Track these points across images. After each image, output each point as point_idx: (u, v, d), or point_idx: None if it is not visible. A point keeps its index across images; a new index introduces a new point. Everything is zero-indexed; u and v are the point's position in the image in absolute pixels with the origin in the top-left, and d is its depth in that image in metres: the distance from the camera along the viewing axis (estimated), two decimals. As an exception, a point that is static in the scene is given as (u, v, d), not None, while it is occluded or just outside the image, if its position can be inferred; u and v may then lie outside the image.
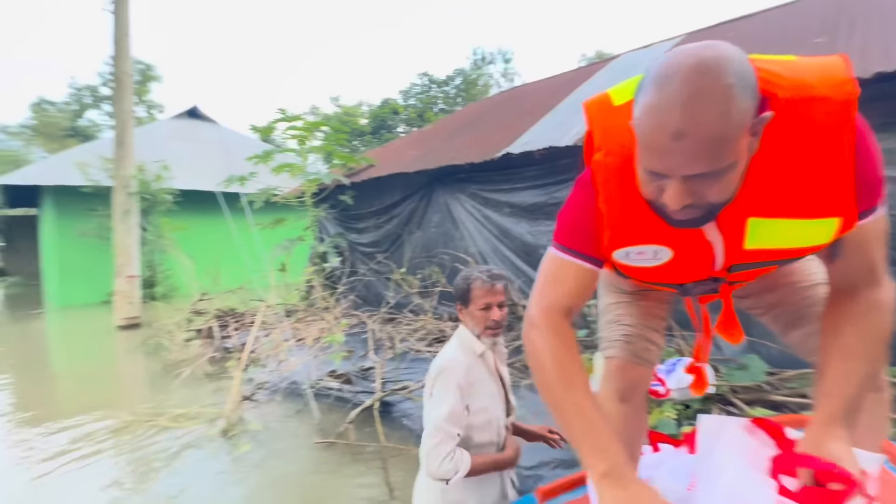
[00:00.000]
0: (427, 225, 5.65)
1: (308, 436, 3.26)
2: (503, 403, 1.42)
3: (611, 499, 0.71)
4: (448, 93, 31.09)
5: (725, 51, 0.58)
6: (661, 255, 0.79)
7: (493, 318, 1.37)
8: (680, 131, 0.56)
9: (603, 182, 0.76)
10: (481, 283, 1.38)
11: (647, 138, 0.60)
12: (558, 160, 4.20)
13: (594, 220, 0.80)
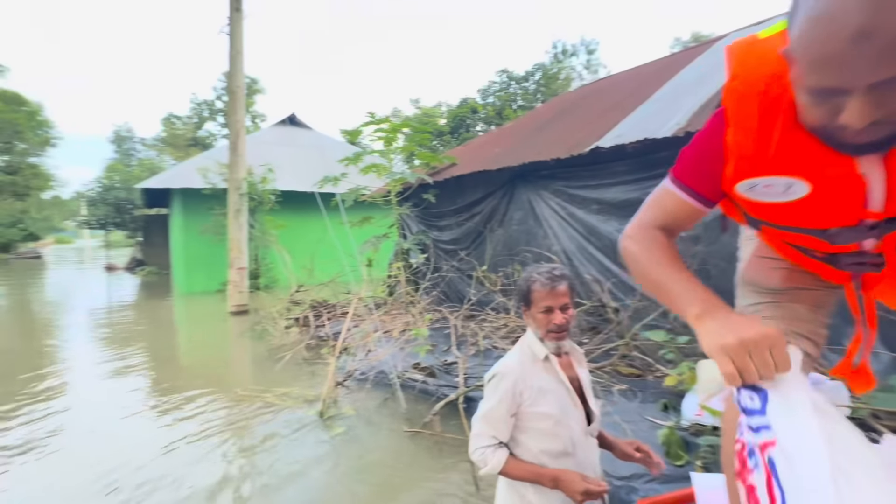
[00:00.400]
0: (509, 223, 5.60)
1: (395, 424, 3.41)
2: (577, 410, 1.33)
3: (709, 330, 0.68)
4: (527, 89, 30.52)
5: None
6: (794, 189, 0.70)
7: (555, 321, 1.30)
8: (862, 30, 0.48)
9: (734, 109, 0.71)
10: (541, 284, 1.32)
11: (818, 50, 0.53)
12: (653, 153, 3.92)
13: (716, 153, 0.76)
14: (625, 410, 2.74)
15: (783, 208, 0.73)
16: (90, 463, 2.95)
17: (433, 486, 2.59)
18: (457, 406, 3.21)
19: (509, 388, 1.28)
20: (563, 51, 30.75)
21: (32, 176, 26.94)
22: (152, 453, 3.06)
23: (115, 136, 36.55)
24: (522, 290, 1.37)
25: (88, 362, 5.41)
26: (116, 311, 9.15)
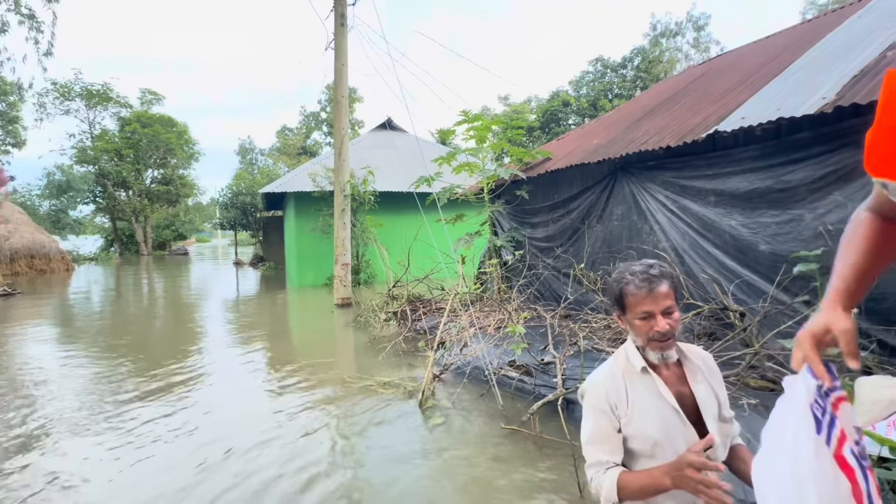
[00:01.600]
0: (608, 218, 5.28)
1: (491, 419, 3.42)
2: (686, 431, 1.14)
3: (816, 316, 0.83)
4: (624, 76, 28.62)
5: None
6: None
7: (657, 328, 1.12)
8: None
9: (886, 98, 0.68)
10: (636, 286, 1.13)
11: None
12: (789, 134, 3.40)
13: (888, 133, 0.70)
14: (755, 429, 2.42)
15: None
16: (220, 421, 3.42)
17: (534, 485, 2.55)
18: (555, 407, 3.11)
19: (602, 401, 1.17)
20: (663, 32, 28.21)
21: (181, 185, 32.07)
22: (266, 425, 3.45)
23: (241, 148, 41.88)
24: (615, 292, 1.19)
25: (222, 345, 6.27)
26: (243, 303, 10.49)
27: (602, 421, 1.17)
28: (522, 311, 4.87)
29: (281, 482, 2.66)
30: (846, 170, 3.05)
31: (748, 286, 3.69)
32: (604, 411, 1.17)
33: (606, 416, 1.17)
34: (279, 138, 38.29)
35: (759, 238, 3.63)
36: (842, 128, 3.07)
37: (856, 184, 2.99)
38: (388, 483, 2.64)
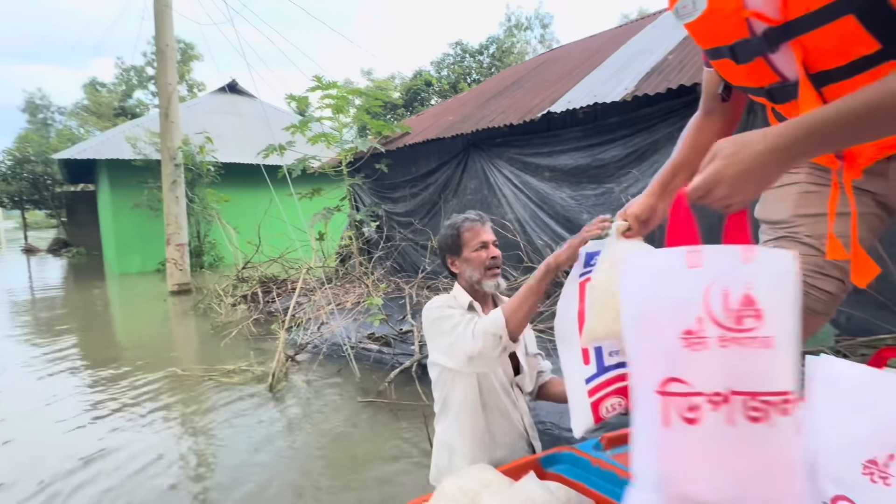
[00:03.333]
0: (463, 192, 5.56)
1: (350, 394, 3.35)
2: (504, 361, 1.31)
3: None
4: (482, 62, 30.19)
5: None
6: (698, 3, 0.72)
7: (493, 254, 1.31)
8: None
9: None
10: (470, 222, 1.33)
11: None
12: (603, 119, 3.97)
13: None
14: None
15: (698, 29, 0.76)
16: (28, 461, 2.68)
17: (391, 450, 2.58)
18: (411, 374, 3.19)
19: (450, 306, 1.25)
20: (517, 24, 30.53)
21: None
22: (87, 445, 2.82)
23: (28, 104, 32.63)
24: (450, 236, 1.33)
25: (14, 357, 4.90)
26: (42, 300, 8.34)
27: (456, 314, 1.20)
28: (381, 284, 4.86)
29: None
30: (642, 150, 3.70)
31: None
32: (453, 308, 1.24)
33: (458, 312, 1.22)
34: (88, 94, 30.88)
35: (583, 208, 4.21)
36: (639, 115, 3.69)
37: (648, 161, 3.66)
38: (243, 476, 2.38)
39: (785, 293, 0.66)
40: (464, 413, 1.27)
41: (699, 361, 0.66)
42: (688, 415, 0.67)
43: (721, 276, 0.65)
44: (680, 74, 3.43)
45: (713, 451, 0.67)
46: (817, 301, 0.90)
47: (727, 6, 0.70)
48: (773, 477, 0.67)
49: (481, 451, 1.27)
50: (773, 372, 0.67)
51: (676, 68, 3.64)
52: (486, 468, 1.03)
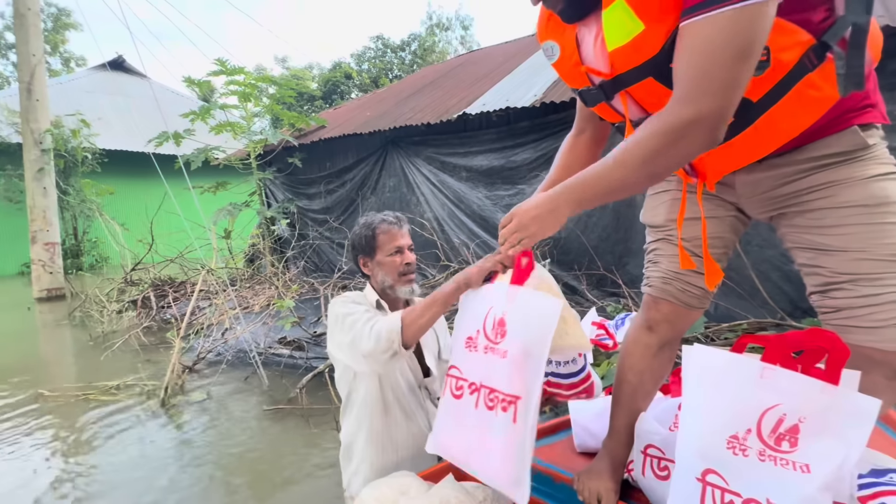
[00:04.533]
0: (382, 190, 5.48)
1: (257, 404, 3.13)
2: (409, 358, 1.28)
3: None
4: (404, 59, 30.06)
5: None
6: (554, 50, 0.83)
7: (408, 260, 1.26)
8: None
9: None
10: (387, 225, 1.27)
11: None
12: (516, 123, 4.15)
13: None
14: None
15: (559, 72, 0.87)
16: None
17: (302, 460, 2.45)
18: (324, 377, 3.06)
19: (357, 302, 1.21)
20: (438, 23, 30.82)
21: None
22: None
23: None
24: (365, 236, 1.26)
25: None
26: None
27: (360, 310, 1.15)
28: (294, 285, 4.61)
29: None
30: (550, 154, 3.93)
31: (490, 248, 4.42)
32: (360, 305, 1.19)
33: (363, 308, 1.17)
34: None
35: (498, 208, 4.37)
36: (547, 121, 3.92)
37: (555, 166, 3.90)
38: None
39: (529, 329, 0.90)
40: (364, 412, 1.23)
41: (470, 359, 0.98)
42: (455, 392, 0.99)
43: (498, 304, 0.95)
44: (582, 85, 3.70)
45: (462, 420, 0.96)
46: (692, 297, 1.00)
47: (570, 60, 0.81)
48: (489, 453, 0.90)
49: (380, 453, 1.23)
50: (505, 377, 0.90)
51: (580, 79, 3.92)
52: (407, 475, 1.02)
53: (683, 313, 1.01)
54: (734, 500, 0.76)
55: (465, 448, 0.95)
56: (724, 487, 0.76)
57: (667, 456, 0.95)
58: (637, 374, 1.01)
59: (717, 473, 0.78)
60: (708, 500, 0.77)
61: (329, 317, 1.19)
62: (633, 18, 0.67)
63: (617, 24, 0.69)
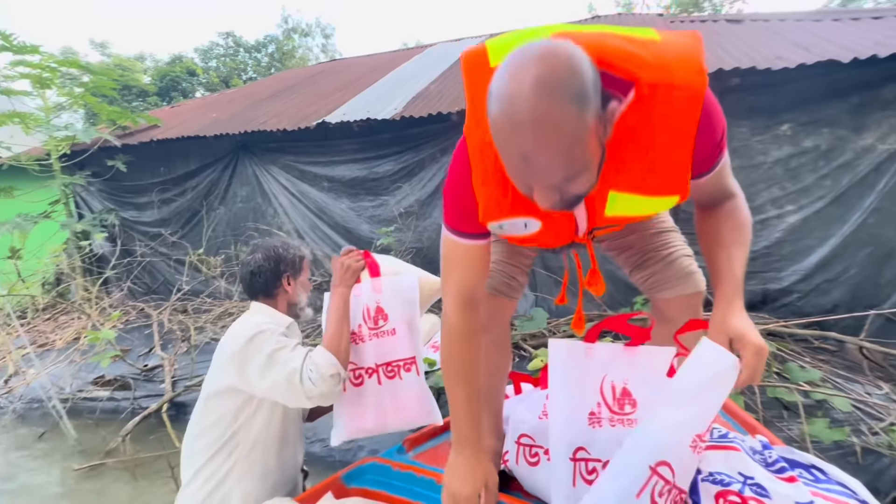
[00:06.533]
0: (233, 200, 4.95)
1: (61, 464, 2.50)
2: None
3: (451, 461, 0.92)
4: (260, 60, 28.08)
5: (563, 60, 0.58)
6: (530, 226, 0.83)
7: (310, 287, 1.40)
8: (528, 155, 0.58)
9: (473, 154, 0.77)
10: (310, 253, 1.42)
11: (503, 153, 0.62)
12: (378, 134, 4.17)
13: (471, 195, 0.81)
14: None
15: (523, 237, 0.88)
16: None
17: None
18: (156, 419, 2.60)
19: (280, 332, 1.19)
20: (295, 28, 29.55)
21: None
22: None
23: None
24: (297, 256, 1.33)
25: None
26: None
27: (290, 344, 1.17)
28: (115, 311, 3.86)
29: None
30: (411, 167, 4.04)
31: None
32: (282, 334, 1.19)
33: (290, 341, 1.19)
34: None
35: (363, 219, 4.31)
36: (408, 134, 4.02)
37: (417, 178, 4.02)
38: None
39: (403, 305, 1.27)
40: (258, 448, 1.16)
41: (359, 351, 1.25)
42: (355, 381, 1.24)
43: (369, 297, 1.28)
44: (439, 103, 3.90)
45: (366, 400, 1.23)
46: (511, 288, 1.12)
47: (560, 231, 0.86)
48: (405, 407, 1.23)
49: (268, 491, 1.17)
50: (399, 348, 1.24)
51: (437, 97, 4.12)
52: (283, 500, 1.04)
53: (506, 305, 1.12)
54: (597, 466, 0.88)
55: (378, 416, 1.22)
56: (588, 458, 0.89)
57: (537, 443, 1.03)
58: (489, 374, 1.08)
59: (584, 449, 0.90)
60: (579, 475, 0.89)
61: (243, 347, 1.12)
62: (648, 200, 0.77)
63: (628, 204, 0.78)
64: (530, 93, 0.56)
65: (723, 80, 2.82)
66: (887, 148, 2.71)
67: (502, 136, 0.60)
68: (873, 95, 2.72)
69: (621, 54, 0.66)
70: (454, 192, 0.85)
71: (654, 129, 0.69)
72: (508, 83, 0.58)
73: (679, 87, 0.67)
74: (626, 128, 0.68)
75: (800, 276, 2.92)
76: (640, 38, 0.70)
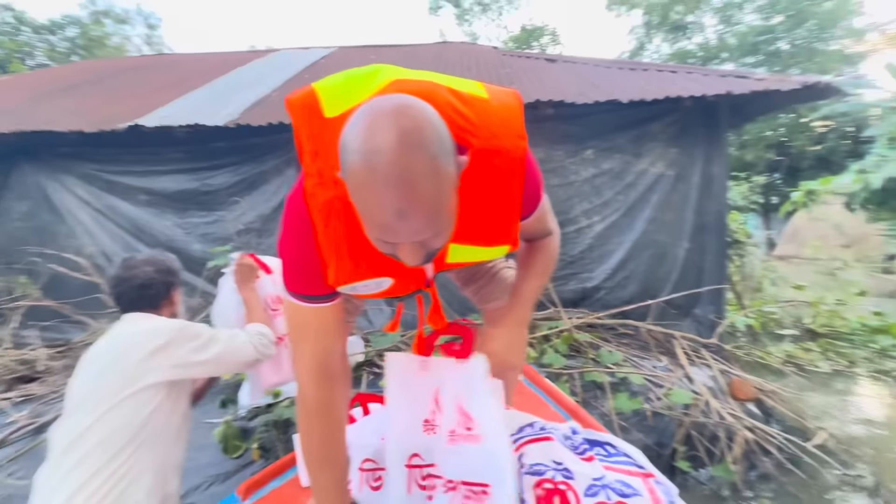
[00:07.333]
0: (7, 217, 3.86)
1: None
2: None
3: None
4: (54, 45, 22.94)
5: (422, 115, 0.58)
6: (383, 284, 0.82)
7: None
8: (402, 210, 0.57)
9: (319, 214, 0.72)
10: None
11: (369, 213, 0.59)
12: (209, 142, 3.71)
13: (315, 255, 0.76)
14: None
15: (374, 294, 0.86)
16: None
17: None
18: None
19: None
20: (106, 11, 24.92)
21: None
22: None
23: None
24: (177, 269, 1.39)
25: None
26: None
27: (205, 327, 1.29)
28: None
29: None
30: (252, 179, 3.70)
31: (185, 284, 3.74)
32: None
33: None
34: None
35: (192, 238, 3.76)
36: (249, 144, 3.67)
37: (259, 190, 3.69)
38: None
39: None
40: (161, 442, 1.19)
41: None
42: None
43: (271, 288, 1.59)
44: (282, 112, 3.66)
45: (284, 357, 1.53)
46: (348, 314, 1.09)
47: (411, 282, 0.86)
48: None
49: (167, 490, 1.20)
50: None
51: (279, 105, 3.86)
52: None
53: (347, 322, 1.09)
54: (430, 471, 0.92)
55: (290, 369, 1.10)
56: (422, 465, 0.92)
57: (380, 465, 1.02)
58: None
59: (418, 455, 0.93)
60: (413, 481, 0.91)
61: (182, 338, 1.21)
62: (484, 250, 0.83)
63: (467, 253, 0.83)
64: (399, 147, 0.55)
65: (541, 109, 3.26)
66: (656, 171, 3.47)
67: (370, 194, 0.57)
68: (645, 130, 3.45)
69: (453, 116, 0.69)
70: (295, 253, 0.78)
71: (484, 187, 0.74)
72: (371, 138, 0.56)
73: (504, 152, 0.73)
74: (464, 188, 0.70)
75: (606, 275, 3.52)
76: (469, 94, 0.74)
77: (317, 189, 0.70)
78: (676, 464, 2.27)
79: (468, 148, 0.68)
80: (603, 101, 3.20)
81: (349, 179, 0.59)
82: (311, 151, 0.70)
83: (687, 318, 3.50)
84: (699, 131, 3.47)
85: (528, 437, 1.02)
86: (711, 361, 2.85)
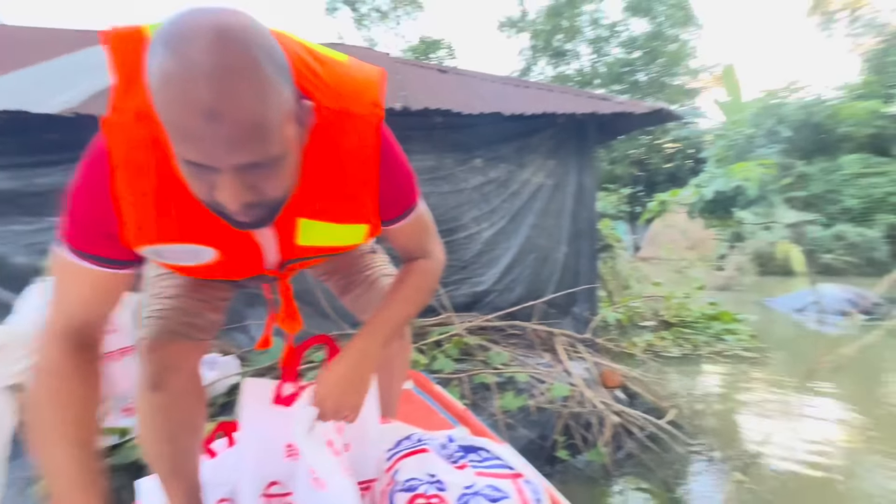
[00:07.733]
0: None
1: None
2: None
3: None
4: None
5: (249, 19, 0.50)
6: (202, 255, 0.70)
7: None
8: (213, 110, 0.46)
9: (120, 157, 0.60)
10: None
11: (176, 119, 0.48)
12: (42, 133, 3.08)
13: (110, 208, 0.62)
14: None
15: (194, 268, 0.73)
16: None
17: None
18: None
19: None
20: None
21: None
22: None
23: None
24: None
25: None
26: None
27: None
28: None
29: None
30: (99, 179, 3.14)
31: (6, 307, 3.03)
32: None
33: None
34: None
35: (16, 248, 3.08)
36: (88, 138, 3.11)
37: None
38: None
39: None
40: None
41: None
42: None
43: None
44: (139, 102, 3.19)
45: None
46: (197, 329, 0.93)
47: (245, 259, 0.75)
48: None
49: None
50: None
51: (136, 95, 3.36)
52: None
53: (185, 350, 0.91)
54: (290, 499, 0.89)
55: None
56: (282, 493, 0.89)
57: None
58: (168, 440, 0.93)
59: (277, 483, 0.90)
60: None
61: None
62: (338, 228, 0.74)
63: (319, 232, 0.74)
64: (215, 37, 0.46)
65: (430, 117, 3.30)
66: (537, 181, 3.74)
67: (175, 91, 0.46)
68: (526, 142, 3.70)
69: (299, 67, 0.60)
70: (84, 200, 0.63)
71: (335, 153, 0.67)
72: (183, 29, 0.47)
73: (356, 116, 0.66)
74: (311, 151, 0.64)
75: (495, 279, 3.68)
76: (323, 54, 0.67)
77: (120, 120, 0.59)
78: (557, 454, 2.42)
79: (315, 103, 0.61)
80: (488, 113, 3.35)
81: (153, 81, 0.48)
82: (124, 80, 0.58)
83: (567, 317, 3.81)
84: (572, 145, 3.83)
85: (404, 451, 1.03)
86: (586, 354, 3.12)
